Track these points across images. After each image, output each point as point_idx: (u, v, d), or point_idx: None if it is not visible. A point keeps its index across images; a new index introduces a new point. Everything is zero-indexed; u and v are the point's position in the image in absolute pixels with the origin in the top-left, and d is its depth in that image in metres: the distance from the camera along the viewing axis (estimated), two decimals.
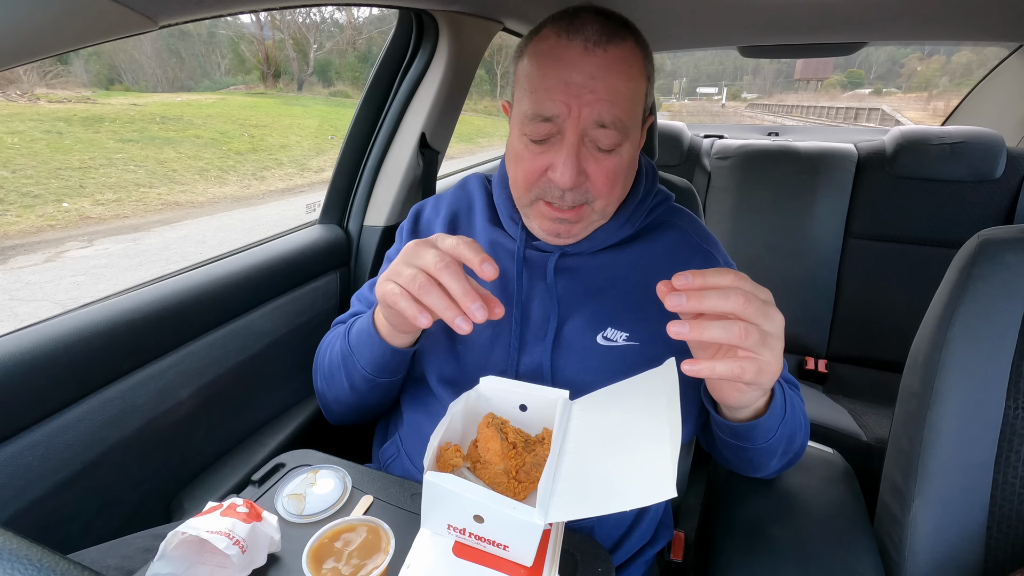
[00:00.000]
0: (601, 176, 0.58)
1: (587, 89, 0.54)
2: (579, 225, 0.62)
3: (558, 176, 0.56)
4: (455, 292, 0.47)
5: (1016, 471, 0.58)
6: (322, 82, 19.33)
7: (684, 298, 0.41)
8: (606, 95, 0.55)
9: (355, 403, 0.70)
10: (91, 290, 3.61)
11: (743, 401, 0.50)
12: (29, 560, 0.23)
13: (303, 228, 1.05)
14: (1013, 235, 0.61)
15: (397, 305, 0.49)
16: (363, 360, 0.64)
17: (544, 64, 0.56)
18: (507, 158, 0.65)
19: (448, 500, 0.40)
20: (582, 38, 0.55)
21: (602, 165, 0.58)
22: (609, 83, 0.55)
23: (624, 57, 0.56)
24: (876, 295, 1.55)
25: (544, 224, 0.63)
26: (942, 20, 1.18)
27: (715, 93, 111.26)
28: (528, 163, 0.59)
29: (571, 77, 0.55)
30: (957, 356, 0.60)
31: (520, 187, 0.62)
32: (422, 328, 0.48)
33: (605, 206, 0.61)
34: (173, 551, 0.43)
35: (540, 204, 0.61)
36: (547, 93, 0.56)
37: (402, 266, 0.50)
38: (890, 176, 1.53)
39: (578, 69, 0.55)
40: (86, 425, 0.61)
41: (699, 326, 0.41)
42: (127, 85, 14.12)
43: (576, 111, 0.55)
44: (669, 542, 0.75)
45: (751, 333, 0.41)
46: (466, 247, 0.48)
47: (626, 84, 0.56)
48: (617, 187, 0.60)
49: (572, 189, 0.58)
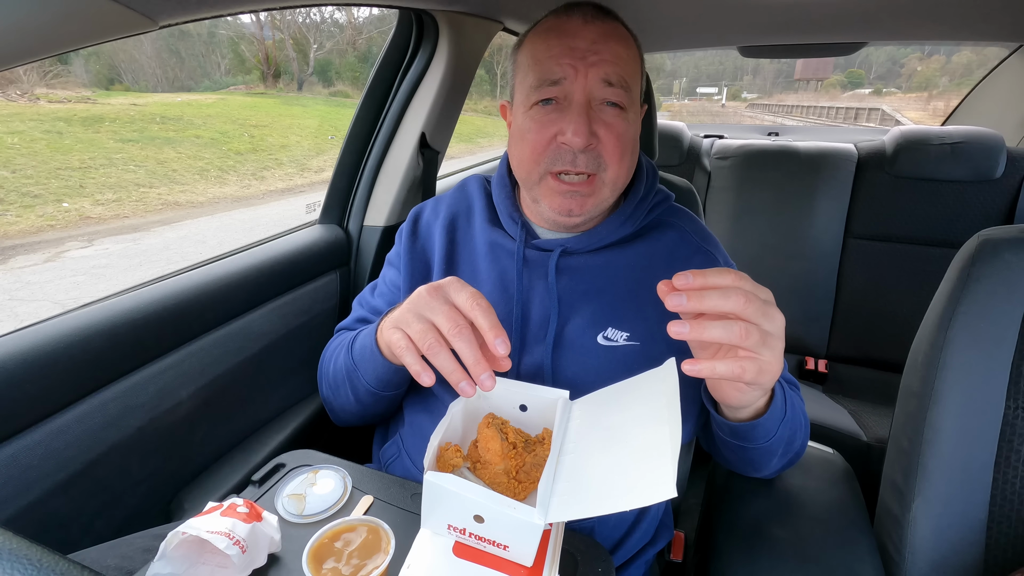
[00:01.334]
0: (612, 139, 0.59)
1: (591, 52, 0.57)
2: (591, 200, 0.61)
3: (570, 136, 0.57)
4: (467, 359, 0.45)
5: (1016, 471, 0.58)
6: (322, 82, 19.33)
7: (685, 298, 0.41)
8: (610, 56, 0.58)
9: (360, 412, 0.70)
10: (91, 290, 3.61)
11: (743, 401, 0.50)
12: (29, 560, 0.23)
13: (303, 228, 1.05)
14: (1013, 235, 0.61)
15: (403, 359, 0.49)
16: (367, 376, 0.64)
17: (547, 36, 0.60)
18: (511, 142, 0.65)
19: (448, 500, 0.40)
20: (580, 13, 0.60)
21: (612, 129, 0.59)
22: (611, 47, 0.58)
23: (620, 29, 0.61)
24: (876, 295, 1.55)
25: (555, 201, 0.61)
26: (942, 20, 1.18)
27: (715, 93, 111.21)
28: (535, 134, 0.60)
29: (575, 43, 0.58)
30: (957, 356, 0.60)
31: (527, 162, 0.61)
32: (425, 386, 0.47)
33: (616, 177, 0.61)
34: (173, 551, 0.43)
35: (549, 180, 0.61)
36: (552, 60, 0.58)
37: (411, 316, 0.49)
38: (890, 176, 1.53)
39: (580, 36, 0.58)
40: (86, 425, 0.61)
41: (700, 326, 0.41)
42: (127, 85, 14.13)
43: (583, 72, 0.57)
44: (669, 542, 0.75)
45: (752, 333, 0.41)
46: (481, 314, 0.46)
47: (627, 50, 0.60)
48: (626, 155, 0.61)
49: (584, 150, 0.58)
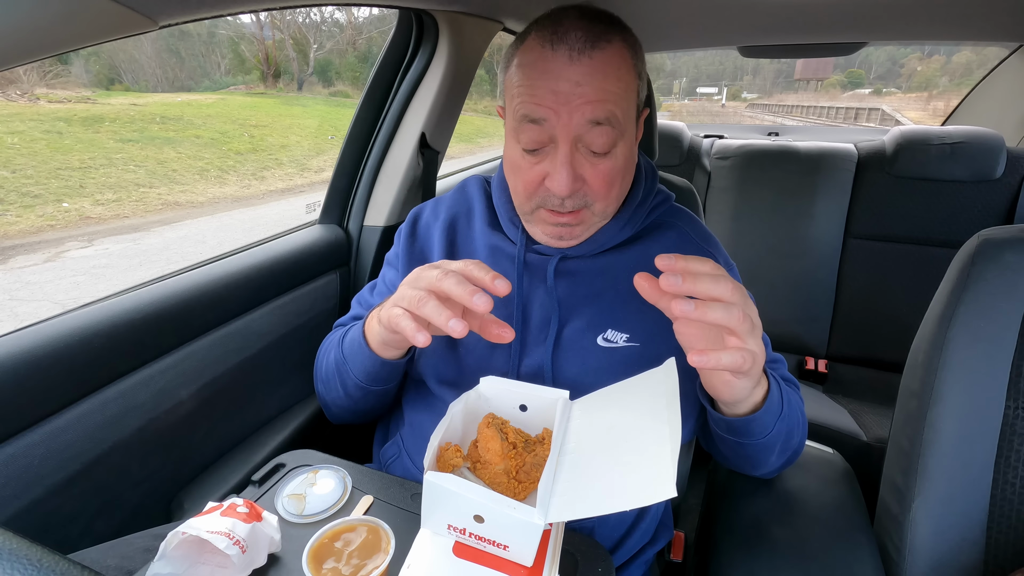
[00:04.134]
0: (598, 180, 0.58)
1: (575, 95, 0.54)
2: (580, 227, 0.63)
3: (555, 185, 0.57)
4: (455, 292, 0.47)
5: (1016, 471, 0.58)
6: (322, 82, 19.32)
7: (680, 279, 0.42)
8: (595, 96, 0.54)
9: (351, 407, 0.70)
10: (91, 290, 3.61)
11: (736, 394, 0.51)
12: (29, 560, 0.23)
13: (303, 228, 1.05)
14: (1013, 235, 0.61)
15: (399, 326, 0.50)
16: (356, 369, 0.64)
17: (531, 75, 0.56)
18: (505, 167, 0.65)
19: (448, 500, 0.40)
20: (566, 47, 0.54)
21: (598, 169, 0.58)
22: (596, 86, 0.54)
23: (610, 61, 0.55)
24: (876, 295, 1.55)
25: (546, 229, 0.64)
26: (942, 20, 1.18)
27: (715, 93, 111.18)
28: (525, 174, 0.60)
29: (558, 86, 0.54)
30: (957, 356, 0.60)
31: (520, 196, 0.63)
32: (420, 346, 0.48)
33: (604, 207, 0.62)
34: (173, 551, 0.43)
35: (541, 212, 0.62)
36: (535, 102, 0.55)
37: (404, 289, 0.52)
38: (890, 176, 1.53)
39: (564, 78, 0.54)
40: (86, 425, 0.61)
41: (704, 306, 0.42)
42: (127, 85, 14.12)
43: (566, 118, 0.54)
44: (669, 542, 0.75)
45: (745, 318, 0.43)
46: (475, 267, 0.49)
47: (616, 84, 0.55)
48: (615, 188, 0.61)
49: (570, 196, 0.58)
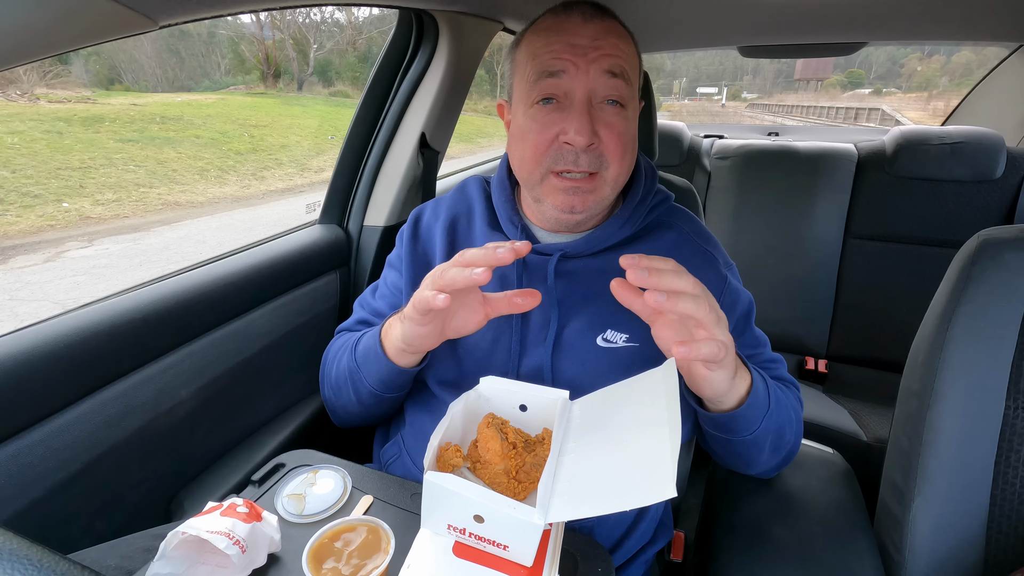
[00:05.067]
0: (613, 138, 0.59)
1: (592, 47, 0.57)
2: (593, 196, 0.61)
3: (572, 135, 0.57)
4: (476, 257, 0.50)
5: (1016, 471, 0.58)
6: (322, 82, 19.31)
7: (646, 272, 0.44)
8: (611, 49, 0.58)
9: (362, 413, 0.70)
10: (91, 290, 3.61)
11: (716, 388, 0.51)
12: (29, 560, 0.23)
13: (303, 228, 1.05)
14: (1013, 235, 0.61)
15: (423, 301, 0.51)
16: (370, 378, 0.64)
17: (547, 34, 0.59)
18: (511, 142, 0.65)
19: (448, 500, 0.40)
20: (579, 11, 0.59)
21: (613, 129, 0.59)
22: (611, 41, 0.58)
23: (619, 28, 0.61)
24: (876, 295, 1.55)
25: (557, 199, 0.61)
26: (942, 20, 1.18)
27: (715, 93, 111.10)
28: (537, 133, 0.59)
29: (575, 40, 0.58)
30: (957, 356, 0.60)
31: (529, 162, 0.61)
32: (438, 307, 0.49)
33: (616, 174, 0.61)
34: (173, 551, 0.43)
35: (551, 178, 0.61)
36: (553, 55, 0.58)
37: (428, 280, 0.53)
38: (890, 176, 1.53)
39: (580, 34, 0.58)
40: (86, 425, 0.61)
41: (675, 297, 0.44)
42: (127, 85, 14.11)
43: (584, 68, 0.57)
44: (669, 542, 0.75)
45: (711, 310, 0.46)
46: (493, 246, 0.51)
47: (627, 45, 0.60)
48: (627, 153, 0.61)
49: (586, 149, 0.58)
